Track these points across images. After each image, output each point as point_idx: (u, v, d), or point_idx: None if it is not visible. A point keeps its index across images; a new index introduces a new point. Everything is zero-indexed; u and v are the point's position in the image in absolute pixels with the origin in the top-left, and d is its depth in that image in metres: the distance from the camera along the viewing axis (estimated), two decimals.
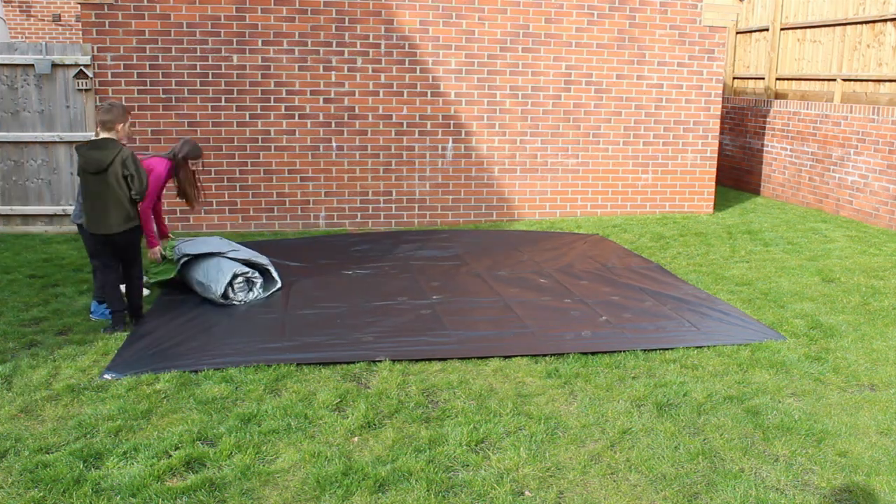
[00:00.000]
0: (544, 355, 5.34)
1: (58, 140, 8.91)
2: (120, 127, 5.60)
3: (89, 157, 5.44)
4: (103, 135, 5.54)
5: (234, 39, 9.11)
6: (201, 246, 6.59)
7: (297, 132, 9.43)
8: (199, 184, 6.75)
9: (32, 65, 8.75)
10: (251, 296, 6.51)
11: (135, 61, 8.97)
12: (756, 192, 12.40)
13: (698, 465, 3.99)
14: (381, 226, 9.78)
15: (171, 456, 3.99)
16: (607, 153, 10.23)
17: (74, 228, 8.98)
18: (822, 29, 11.37)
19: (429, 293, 6.78)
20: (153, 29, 8.94)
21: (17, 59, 8.72)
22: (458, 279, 7.25)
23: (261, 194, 9.47)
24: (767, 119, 12.06)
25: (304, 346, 5.47)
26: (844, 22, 10.85)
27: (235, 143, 9.33)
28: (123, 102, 6.53)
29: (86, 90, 8.88)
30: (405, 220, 9.85)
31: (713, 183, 10.63)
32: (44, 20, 17.01)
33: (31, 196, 9.01)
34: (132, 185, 5.50)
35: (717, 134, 10.53)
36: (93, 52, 8.86)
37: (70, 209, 8.97)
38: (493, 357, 5.31)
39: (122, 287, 5.93)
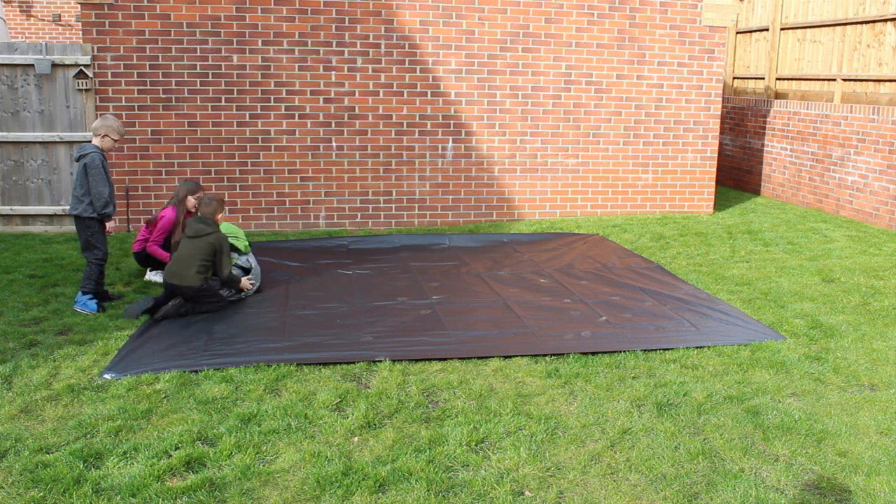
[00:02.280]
0: (544, 355, 5.34)
1: (58, 140, 8.91)
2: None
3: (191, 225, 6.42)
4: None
5: (234, 39, 9.11)
6: None
7: (297, 132, 9.43)
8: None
9: (32, 65, 8.75)
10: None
11: (135, 61, 8.97)
12: (756, 192, 12.40)
13: (698, 465, 3.99)
14: (381, 226, 9.78)
15: (171, 456, 3.99)
16: (607, 153, 10.23)
17: (74, 228, 8.98)
18: (822, 29, 11.37)
19: (429, 293, 6.78)
20: (153, 29, 8.94)
21: (17, 59, 8.72)
22: (458, 279, 7.25)
23: (261, 194, 9.47)
24: (767, 119, 12.06)
25: (304, 346, 5.47)
26: (844, 22, 10.85)
27: (235, 143, 9.33)
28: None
29: (86, 90, 8.88)
30: (405, 220, 9.85)
31: (713, 183, 10.63)
32: (44, 20, 17.01)
33: (31, 196, 9.01)
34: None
35: (717, 134, 10.53)
36: (93, 52, 8.86)
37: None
38: (493, 357, 5.31)
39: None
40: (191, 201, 7.17)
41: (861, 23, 10.56)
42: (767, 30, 12.55)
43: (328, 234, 9.36)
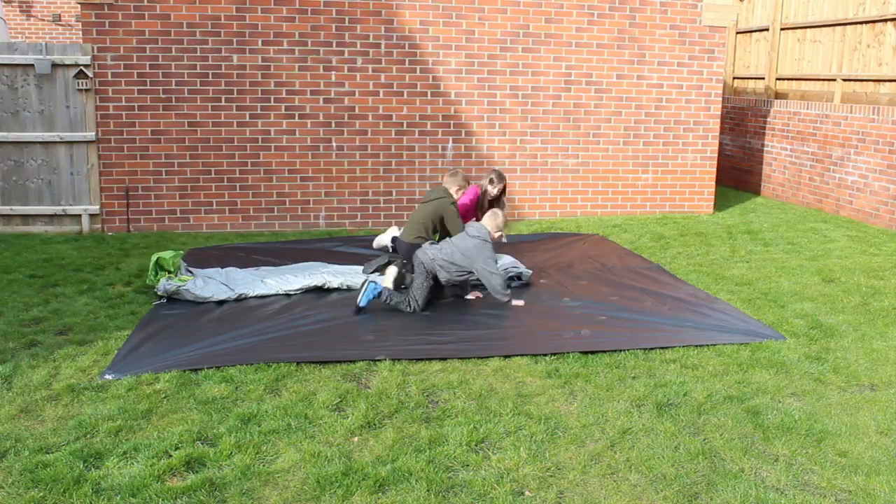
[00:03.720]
0: (544, 355, 5.34)
1: (58, 140, 8.91)
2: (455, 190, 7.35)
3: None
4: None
5: (234, 39, 9.11)
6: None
7: (297, 132, 9.43)
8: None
9: (32, 65, 8.75)
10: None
11: (135, 61, 8.97)
12: (756, 192, 12.40)
13: (698, 465, 3.99)
14: (381, 226, 9.78)
15: (171, 456, 3.99)
16: (607, 153, 10.23)
17: (75, 228, 9.01)
18: (822, 29, 11.37)
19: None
20: (153, 29, 8.94)
21: (17, 59, 8.72)
22: None
23: (261, 194, 9.47)
24: (767, 119, 12.06)
25: (304, 346, 5.47)
26: (844, 22, 10.85)
27: (235, 143, 9.33)
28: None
29: (86, 90, 8.88)
30: (405, 220, 9.84)
31: (713, 183, 10.63)
32: (44, 20, 17.01)
33: (31, 196, 9.01)
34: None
35: (718, 134, 10.53)
36: (93, 52, 8.86)
37: (70, 209, 8.98)
38: (493, 357, 5.31)
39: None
40: (491, 191, 7.76)
41: (861, 23, 10.57)
42: (767, 30, 12.56)
43: (328, 234, 9.36)
